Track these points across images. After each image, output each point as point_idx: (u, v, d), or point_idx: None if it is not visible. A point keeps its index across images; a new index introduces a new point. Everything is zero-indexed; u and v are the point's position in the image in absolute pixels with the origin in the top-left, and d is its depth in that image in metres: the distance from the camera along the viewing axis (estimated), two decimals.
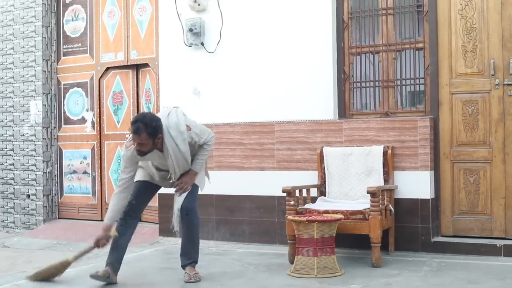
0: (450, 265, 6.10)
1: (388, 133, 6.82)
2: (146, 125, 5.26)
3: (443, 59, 6.81)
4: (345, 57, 7.27)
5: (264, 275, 5.94)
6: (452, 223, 6.79)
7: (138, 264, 6.68)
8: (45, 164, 9.78)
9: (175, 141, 5.42)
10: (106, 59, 9.45)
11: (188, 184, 5.72)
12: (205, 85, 7.87)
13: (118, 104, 9.40)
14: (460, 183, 6.76)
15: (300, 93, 7.28)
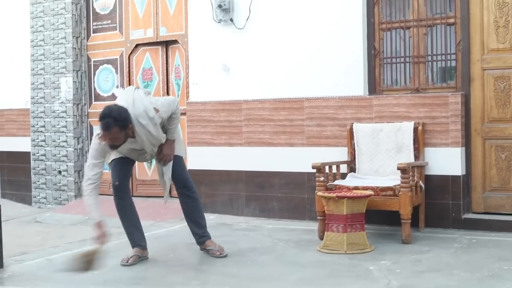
0: (480, 242, 6.07)
1: (419, 109, 6.77)
2: (116, 119, 5.22)
3: (475, 34, 6.73)
4: (376, 33, 7.21)
5: (294, 251, 5.95)
6: (483, 200, 6.75)
7: (168, 239, 6.72)
8: (76, 141, 9.85)
9: (147, 128, 5.40)
10: (135, 36, 9.46)
11: (170, 155, 5.71)
12: (235, 61, 7.86)
13: (148, 80, 9.42)
14: (491, 160, 6.70)
15: (330, 69, 7.25)
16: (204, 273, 5.26)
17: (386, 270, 5.11)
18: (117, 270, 5.38)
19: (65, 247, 6.47)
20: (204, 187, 8.01)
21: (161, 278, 5.09)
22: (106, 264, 5.59)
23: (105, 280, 5.05)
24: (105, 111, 5.34)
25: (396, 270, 5.11)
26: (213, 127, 7.98)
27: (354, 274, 5.05)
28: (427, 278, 4.86)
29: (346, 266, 5.31)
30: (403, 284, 4.69)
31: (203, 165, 8.02)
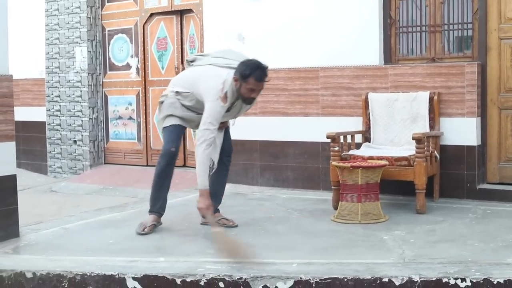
0: (495, 213, 6.05)
1: (435, 79, 6.73)
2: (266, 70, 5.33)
3: (492, 3, 6.66)
4: (392, 1, 7.15)
5: (308, 221, 5.96)
6: (498, 170, 6.72)
7: (183, 208, 6.74)
8: (91, 110, 9.88)
9: None
10: (150, 5, 9.43)
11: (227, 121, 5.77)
12: (249, 30, 7.83)
13: (163, 50, 9.40)
14: (507, 130, 6.66)
15: (345, 38, 7.20)
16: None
17: (400, 240, 5.11)
18: (132, 240, 5.41)
19: (81, 216, 6.51)
20: None
21: (177, 247, 5.12)
22: (122, 233, 5.64)
23: (120, 249, 5.08)
24: (255, 61, 5.35)
25: (410, 240, 5.11)
26: None
27: (368, 244, 5.06)
28: (441, 248, 4.86)
29: (360, 236, 5.32)
30: (417, 254, 4.69)
31: None
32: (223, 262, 4.58)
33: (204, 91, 5.35)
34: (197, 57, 5.81)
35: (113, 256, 4.86)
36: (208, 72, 5.49)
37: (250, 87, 5.27)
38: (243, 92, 5.31)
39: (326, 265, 4.46)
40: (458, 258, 4.53)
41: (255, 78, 5.25)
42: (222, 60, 5.55)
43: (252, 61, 5.35)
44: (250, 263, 4.52)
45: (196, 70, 5.63)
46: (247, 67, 5.27)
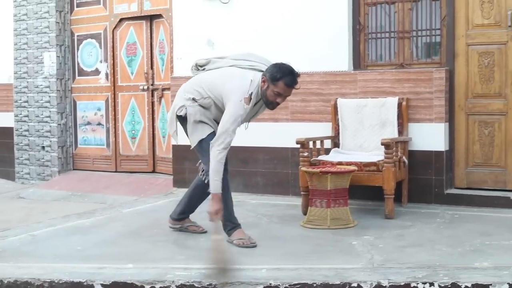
0: (463, 217, 6.10)
1: (403, 85, 6.77)
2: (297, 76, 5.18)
3: (460, 9, 6.73)
4: (361, 8, 7.19)
5: (278, 226, 5.96)
6: (466, 175, 6.78)
7: (152, 214, 6.72)
8: (59, 116, 9.80)
9: None
10: (119, 10, 9.39)
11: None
12: (219, 36, 7.82)
13: (132, 55, 9.37)
14: (474, 135, 6.73)
15: (315, 44, 7.22)
16: (189, 248, 5.27)
17: (369, 245, 5.13)
18: (101, 246, 5.37)
19: (49, 222, 6.45)
20: (188, 163, 7.99)
21: (146, 254, 5.09)
22: (90, 240, 5.60)
23: (89, 255, 5.05)
24: (288, 66, 5.17)
25: (379, 245, 5.13)
26: None
27: (337, 249, 5.07)
28: (409, 253, 4.88)
29: (329, 241, 5.33)
30: (385, 258, 4.71)
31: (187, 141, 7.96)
32: (192, 268, 4.57)
33: (228, 91, 5.12)
34: (212, 59, 5.50)
35: (81, 263, 4.82)
36: (232, 72, 5.25)
37: (278, 91, 5.09)
38: (268, 95, 5.12)
39: (295, 270, 4.46)
40: (426, 262, 4.56)
41: (285, 83, 5.08)
42: (244, 62, 5.32)
43: (284, 65, 5.16)
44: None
45: (215, 73, 5.36)
46: (279, 69, 5.10)
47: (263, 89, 5.13)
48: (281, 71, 5.09)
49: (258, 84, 5.15)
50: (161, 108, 9.03)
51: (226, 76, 5.23)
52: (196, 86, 5.36)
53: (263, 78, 5.13)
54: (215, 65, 5.45)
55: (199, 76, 5.46)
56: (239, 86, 5.11)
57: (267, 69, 5.16)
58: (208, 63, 5.50)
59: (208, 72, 5.43)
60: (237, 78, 5.17)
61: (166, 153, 8.86)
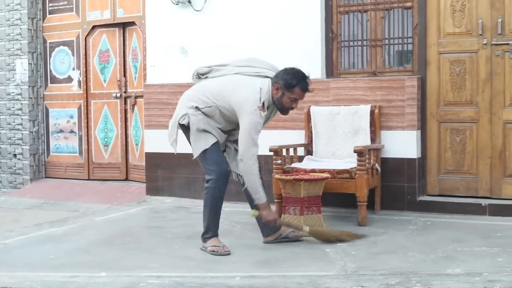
0: (435, 224, 6.14)
1: (376, 93, 6.81)
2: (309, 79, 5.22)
3: (431, 18, 6.78)
4: (333, 16, 7.23)
5: (251, 234, 5.96)
6: (438, 182, 6.83)
7: (125, 222, 6.69)
8: (31, 123, 9.74)
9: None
10: (92, 17, 9.36)
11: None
12: (192, 43, 7.82)
13: (105, 62, 9.34)
14: (446, 143, 6.78)
15: (288, 52, 7.23)
16: (162, 256, 5.25)
17: (342, 252, 5.15)
18: (73, 255, 5.34)
19: (21, 231, 6.40)
20: (161, 170, 7.99)
21: (118, 262, 5.07)
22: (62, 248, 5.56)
23: (61, 264, 5.01)
24: (299, 70, 5.22)
25: (352, 252, 5.15)
26: (170, 110, 7.87)
27: (311, 256, 5.08)
28: (382, 259, 4.91)
29: (303, 248, 5.34)
30: (359, 265, 4.73)
31: (160, 148, 7.97)
32: (165, 276, 4.56)
33: (239, 101, 5.07)
34: (214, 67, 5.42)
35: (54, 272, 4.79)
36: (238, 81, 5.19)
37: (294, 96, 5.15)
38: (284, 102, 5.17)
39: (269, 278, 4.47)
40: (399, 269, 4.58)
41: (301, 88, 5.16)
42: (249, 68, 5.28)
43: (296, 70, 5.20)
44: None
45: (220, 81, 5.28)
46: (293, 76, 5.14)
47: (277, 96, 5.16)
48: (296, 77, 5.14)
49: (268, 91, 5.14)
50: (134, 115, 9.00)
51: (234, 85, 5.17)
52: (199, 94, 5.28)
53: (276, 86, 5.13)
54: (218, 73, 5.38)
55: (202, 84, 5.38)
56: (249, 95, 5.08)
57: (279, 76, 5.17)
58: (210, 71, 5.43)
59: (212, 80, 5.35)
60: (246, 87, 5.13)
61: (139, 161, 8.83)
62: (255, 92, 5.08)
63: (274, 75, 5.22)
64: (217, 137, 5.27)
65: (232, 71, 5.31)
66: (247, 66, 5.31)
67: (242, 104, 5.06)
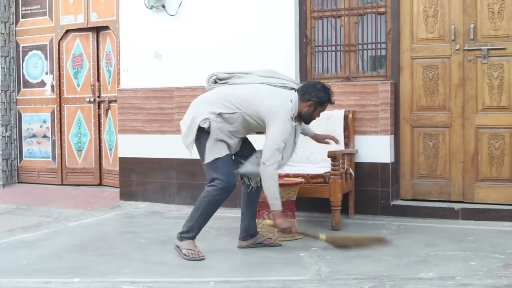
0: (409, 228, 6.18)
1: (349, 98, 6.84)
2: None
3: (405, 24, 6.83)
4: (307, 21, 7.25)
5: (226, 239, 5.96)
6: (411, 187, 6.88)
7: (99, 228, 6.66)
8: (4, 128, 9.65)
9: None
10: (65, 21, 9.30)
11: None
12: (166, 48, 7.81)
13: (78, 67, 9.29)
14: (419, 147, 6.83)
15: (262, 57, 7.24)
16: (136, 261, 5.22)
17: (316, 256, 5.16)
18: (46, 260, 5.30)
19: None
20: (135, 175, 7.96)
21: (92, 267, 5.04)
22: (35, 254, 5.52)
23: (34, 270, 4.97)
24: (323, 85, 5.39)
25: (326, 256, 5.16)
26: (144, 115, 7.92)
27: (285, 261, 5.09)
28: (356, 264, 4.92)
29: (277, 253, 5.35)
30: (333, 270, 4.74)
31: (134, 153, 7.96)
32: (139, 282, 4.54)
33: (271, 109, 5.12)
34: (237, 74, 5.43)
35: (27, 278, 4.75)
36: (269, 90, 5.24)
37: (324, 109, 5.42)
38: (315, 116, 5.40)
39: (243, 283, 4.47)
40: (373, 273, 4.61)
41: (330, 102, 5.39)
42: (274, 79, 5.33)
43: (323, 85, 5.37)
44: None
45: (245, 88, 5.29)
46: (324, 92, 5.31)
47: (308, 111, 5.31)
48: (326, 92, 5.33)
49: (296, 103, 5.24)
50: (107, 120, 8.96)
51: (265, 93, 5.22)
52: (221, 99, 5.25)
53: (310, 103, 5.26)
54: (240, 80, 5.39)
55: (223, 89, 5.36)
56: (282, 105, 5.15)
57: (309, 93, 5.27)
58: (231, 77, 5.43)
59: (236, 87, 5.35)
60: (277, 96, 5.20)
61: (112, 166, 8.79)
62: (287, 103, 5.18)
63: (300, 91, 5.31)
64: (231, 146, 5.32)
65: (257, 80, 5.35)
66: (271, 77, 5.37)
67: (275, 111, 5.13)
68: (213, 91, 5.41)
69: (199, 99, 5.40)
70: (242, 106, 5.20)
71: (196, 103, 5.37)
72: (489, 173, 6.59)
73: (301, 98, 5.27)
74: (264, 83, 5.30)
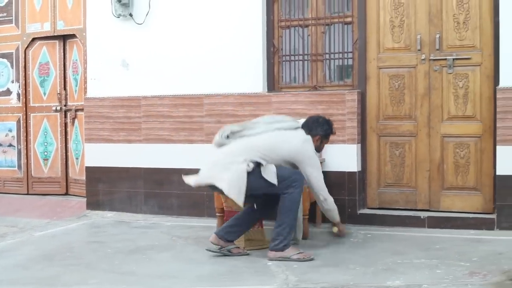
0: (376, 237, 6.21)
1: (317, 107, 6.87)
2: None
3: (371, 33, 6.88)
4: (275, 30, 7.27)
5: (193, 248, 5.94)
6: (378, 195, 6.91)
7: (65, 238, 6.60)
8: None
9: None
10: (32, 29, 9.24)
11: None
12: (134, 57, 7.78)
13: (45, 75, 9.22)
14: (386, 156, 6.87)
15: (230, 66, 7.26)
16: (102, 271, 5.19)
17: (283, 265, 5.16)
18: (12, 271, 5.24)
19: None
20: (102, 185, 7.91)
21: (58, 278, 4.99)
22: (0, 264, 5.46)
23: None
24: (325, 119, 5.83)
25: (293, 265, 5.17)
26: (111, 124, 7.87)
27: (253, 270, 5.09)
28: (323, 272, 4.94)
29: (244, 262, 5.34)
30: (300, 279, 4.75)
31: (101, 162, 7.91)
32: None
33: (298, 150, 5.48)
34: (247, 125, 5.65)
35: None
36: (286, 135, 5.54)
37: (328, 142, 5.88)
38: (321, 148, 5.86)
39: None
40: (341, 282, 4.62)
41: (333, 133, 5.85)
42: (282, 124, 5.64)
43: (324, 118, 5.80)
44: None
45: (265, 138, 5.48)
46: (328, 125, 5.77)
47: (316, 144, 5.68)
48: (329, 125, 5.79)
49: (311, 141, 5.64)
50: (74, 129, 8.91)
51: (284, 138, 5.53)
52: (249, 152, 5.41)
53: (317, 137, 5.69)
54: (252, 131, 5.58)
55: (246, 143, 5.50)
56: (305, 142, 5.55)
57: (315, 128, 5.68)
58: (244, 129, 5.60)
59: (256, 139, 5.50)
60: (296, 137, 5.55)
61: (79, 175, 8.73)
62: (310, 142, 5.59)
63: (306, 128, 5.67)
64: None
65: (269, 128, 5.59)
66: (277, 122, 5.67)
67: (303, 149, 5.53)
68: (235, 145, 5.53)
69: (222, 155, 5.53)
70: (268, 155, 5.42)
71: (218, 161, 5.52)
72: (455, 182, 6.65)
73: (309, 134, 5.63)
74: (278, 129, 5.59)
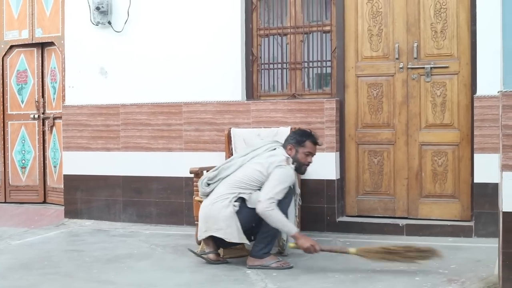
0: (354, 244, 6.20)
1: (295, 115, 6.89)
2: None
3: (349, 42, 6.92)
4: (253, 39, 7.29)
5: (172, 256, 5.93)
6: (356, 203, 6.94)
7: (43, 246, 6.56)
8: None
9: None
10: (10, 37, 9.19)
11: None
12: (112, 64, 7.77)
13: (23, 83, 9.17)
14: (364, 164, 6.90)
15: (208, 74, 7.27)
16: (80, 280, 5.16)
17: (262, 273, 5.16)
18: None
19: None
20: (80, 193, 7.88)
21: (36, 287, 4.96)
22: None
23: None
24: (304, 129, 5.84)
25: (272, 273, 5.17)
26: (89, 132, 7.85)
27: (232, 278, 5.08)
28: (303, 280, 4.94)
29: (223, 270, 5.33)
30: (279, 286, 4.75)
31: (79, 170, 7.88)
32: None
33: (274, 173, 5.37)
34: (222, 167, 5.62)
35: None
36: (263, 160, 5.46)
37: (308, 150, 5.59)
38: (300, 158, 5.57)
39: None
40: None
41: (312, 141, 5.61)
42: (258, 150, 5.62)
43: (302, 129, 5.84)
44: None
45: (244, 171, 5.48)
46: (301, 134, 5.66)
47: (292, 155, 5.55)
48: (304, 134, 5.66)
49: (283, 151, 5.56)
50: (52, 137, 8.86)
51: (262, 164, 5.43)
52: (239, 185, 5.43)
53: (289, 146, 5.59)
54: (229, 170, 5.56)
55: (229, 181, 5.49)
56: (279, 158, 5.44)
57: (289, 139, 5.65)
58: (219, 172, 5.59)
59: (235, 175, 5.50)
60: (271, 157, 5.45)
61: (57, 183, 8.68)
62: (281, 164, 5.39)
63: (284, 141, 5.69)
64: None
65: (245, 160, 5.58)
66: (252, 151, 5.65)
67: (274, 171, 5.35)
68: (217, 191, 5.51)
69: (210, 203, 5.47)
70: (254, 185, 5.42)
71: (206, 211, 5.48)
72: (433, 190, 6.69)
73: (284, 146, 5.61)
74: (254, 157, 5.56)
